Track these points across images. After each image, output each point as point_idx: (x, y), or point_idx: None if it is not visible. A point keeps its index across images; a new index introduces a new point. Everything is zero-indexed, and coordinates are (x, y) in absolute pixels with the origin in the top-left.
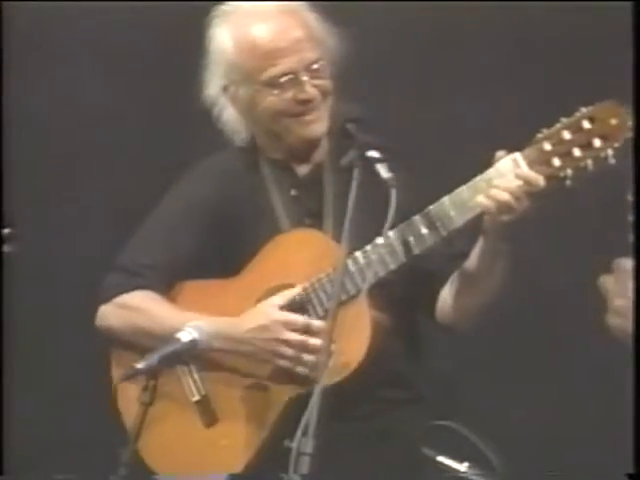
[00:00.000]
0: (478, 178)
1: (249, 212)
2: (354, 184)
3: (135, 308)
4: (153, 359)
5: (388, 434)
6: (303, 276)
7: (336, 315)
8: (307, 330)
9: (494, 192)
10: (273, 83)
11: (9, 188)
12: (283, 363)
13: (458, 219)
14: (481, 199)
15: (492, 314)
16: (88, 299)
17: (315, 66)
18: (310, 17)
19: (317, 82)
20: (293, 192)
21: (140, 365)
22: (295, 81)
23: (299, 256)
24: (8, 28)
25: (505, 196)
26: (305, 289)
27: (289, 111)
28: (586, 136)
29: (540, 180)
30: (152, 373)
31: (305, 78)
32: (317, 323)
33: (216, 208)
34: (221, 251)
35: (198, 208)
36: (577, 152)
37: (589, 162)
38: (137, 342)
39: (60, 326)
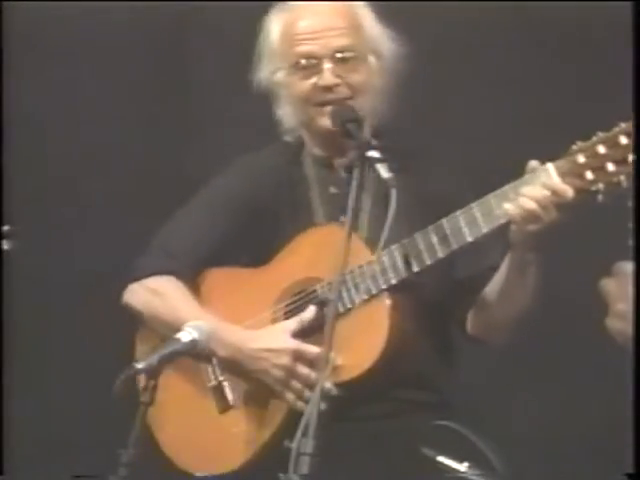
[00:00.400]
0: (507, 187)
1: (286, 207)
2: (354, 184)
3: (158, 294)
4: (153, 359)
5: (389, 434)
6: (330, 271)
7: (334, 323)
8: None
9: (521, 200)
10: (296, 65)
11: (8, 186)
12: (286, 394)
13: (484, 226)
14: (508, 207)
15: None
16: (87, 298)
17: (340, 54)
18: (364, 13)
19: (343, 73)
20: (332, 189)
21: (140, 365)
22: (317, 67)
23: (329, 251)
24: (8, 28)
25: (532, 205)
26: (328, 284)
27: (312, 99)
28: (622, 152)
29: (569, 192)
30: (152, 373)
31: (328, 65)
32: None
33: (253, 201)
34: (254, 243)
35: (236, 200)
36: (611, 167)
37: (622, 178)
38: (153, 326)
39: (60, 325)
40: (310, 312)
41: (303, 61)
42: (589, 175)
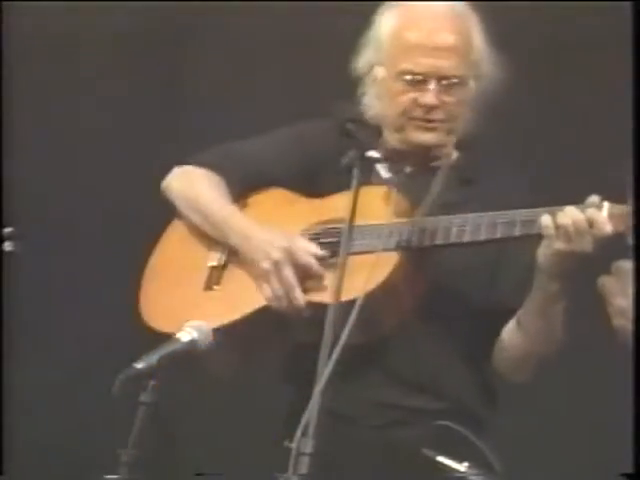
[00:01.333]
0: (555, 207)
1: (341, 178)
2: (354, 183)
3: (192, 180)
4: (153, 359)
5: (391, 437)
6: (366, 219)
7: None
8: (307, 270)
9: (559, 215)
10: (401, 76)
11: (10, 187)
12: (265, 287)
13: (518, 230)
14: (544, 218)
15: None
16: (88, 298)
17: (446, 82)
18: (473, 29)
19: (446, 98)
20: (387, 175)
21: (140, 365)
22: (422, 85)
23: (375, 204)
24: (8, 28)
25: (567, 221)
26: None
27: (408, 112)
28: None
29: (608, 227)
30: (152, 373)
31: (432, 87)
32: (319, 269)
33: (317, 157)
34: (301, 188)
35: (305, 147)
36: None
37: None
38: (180, 206)
39: (61, 325)
40: (321, 251)
41: (408, 77)
42: None
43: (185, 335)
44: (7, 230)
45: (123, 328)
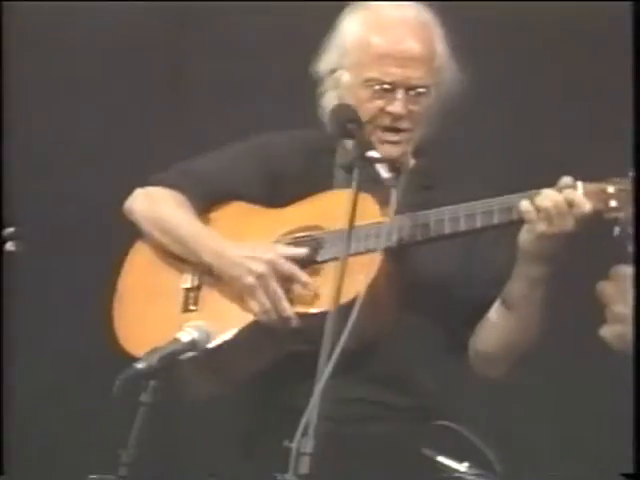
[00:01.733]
0: (531, 191)
1: (306, 186)
2: (354, 185)
3: (156, 200)
4: (153, 359)
5: (388, 435)
6: (337, 224)
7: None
8: (292, 279)
9: (538, 199)
10: (370, 85)
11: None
12: (251, 303)
13: (497, 217)
14: (523, 203)
15: None
16: (89, 298)
17: (414, 92)
18: (438, 39)
19: (412, 107)
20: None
21: (140, 365)
22: (390, 94)
23: (342, 208)
24: (8, 28)
25: (547, 203)
26: (330, 232)
27: (374, 120)
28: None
29: (587, 205)
30: (152, 373)
31: (400, 96)
32: (304, 278)
33: (281, 166)
34: (270, 197)
35: (267, 156)
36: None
37: None
38: (145, 229)
39: (61, 325)
40: (303, 250)
41: (377, 86)
42: (613, 203)
43: (185, 335)
44: (9, 230)
45: None
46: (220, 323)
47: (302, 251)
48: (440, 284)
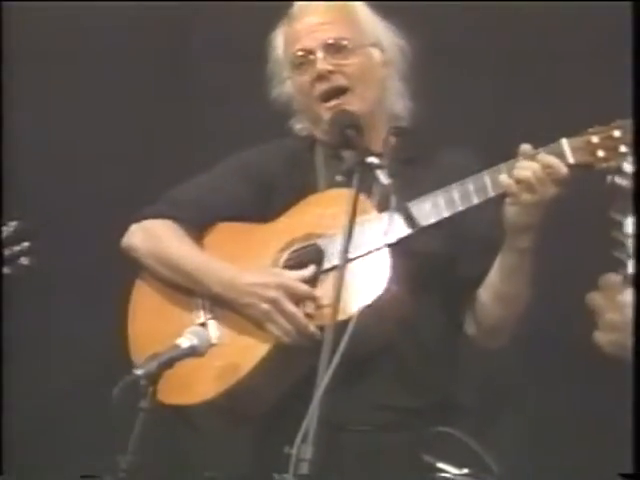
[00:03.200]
0: (501, 165)
1: (294, 189)
2: (354, 189)
3: (156, 235)
4: (152, 365)
5: (389, 442)
6: (331, 228)
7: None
8: (305, 299)
9: (516, 171)
10: (294, 63)
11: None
12: (271, 327)
13: (475, 198)
14: (502, 178)
15: None
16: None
17: (332, 41)
18: (360, 9)
19: (337, 61)
20: (339, 178)
21: (140, 371)
22: (312, 60)
23: (330, 210)
24: (8, 28)
25: (526, 173)
26: (329, 237)
27: (312, 93)
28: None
29: (562, 168)
30: (151, 379)
31: (320, 55)
32: (316, 293)
33: (266, 177)
34: (260, 212)
35: (249, 169)
36: (623, 148)
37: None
38: (149, 266)
39: (62, 326)
40: (310, 271)
41: (299, 54)
42: (600, 153)
43: (185, 341)
44: (24, 245)
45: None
46: (242, 355)
47: (309, 272)
48: (436, 268)
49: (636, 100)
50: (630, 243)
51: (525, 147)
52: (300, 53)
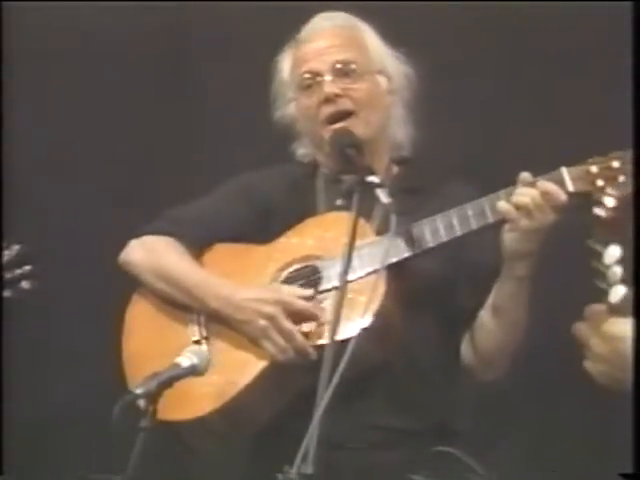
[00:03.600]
0: (501, 191)
1: (294, 214)
2: (354, 209)
3: (156, 250)
4: (152, 384)
5: (386, 462)
6: (331, 251)
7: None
8: (302, 316)
9: (514, 197)
10: (302, 85)
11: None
12: (267, 345)
13: (474, 223)
14: (500, 203)
15: None
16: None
17: (340, 66)
18: (367, 34)
19: (345, 85)
20: (339, 202)
21: (139, 390)
22: (320, 83)
23: (330, 233)
24: (8, 28)
25: (525, 199)
26: (329, 260)
27: (318, 116)
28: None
29: (562, 195)
30: (151, 398)
31: (328, 78)
32: (315, 311)
33: (267, 201)
34: (260, 235)
35: (251, 193)
36: (622, 178)
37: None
38: (147, 281)
39: (62, 328)
40: (308, 291)
41: (307, 76)
42: (599, 182)
43: (185, 360)
44: (25, 268)
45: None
46: (237, 371)
47: (308, 292)
48: (434, 292)
49: (636, 100)
50: (611, 273)
51: (524, 175)
52: (307, 75)
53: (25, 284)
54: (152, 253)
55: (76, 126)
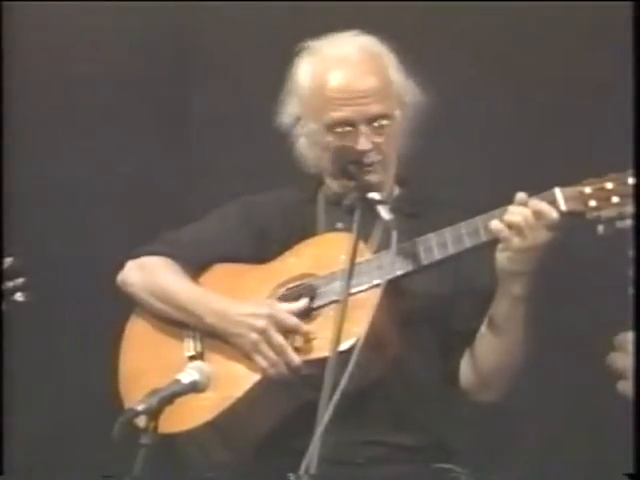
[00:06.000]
0: (495, 210)
1: (293, 237)
2: (355, 226)
3: (152, 269)
4: (153, 401)
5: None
6: (327, 269)
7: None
8: (293, 331)
9: (506, 215)
10: (331, 128)
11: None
12: (258, 359)
13: (468, 241)
14: (493, 222)
15: None
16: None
17: (376, 123)
18: (390, 65)
19: (376, 139)
20: (339, 225)
21: (140, 407)
22: (353, 132)
23: (328, 253)
24: (8, 28)
25: (517, 218)
26: (324, 277)
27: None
28: (628, 189)
29: (553, 213)
30: (152, 415)
31: (363, 130)
32: (305, 328)
33: (266, 224)
34: (256, 259)
35: (251, 217)
36: (615, 199)
37: (626, 209)
38: (143, 302)
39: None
40: (301, 303)
41: (339, 129)
42: (592, 203)
43: (186, 376)
44: (18, 280)
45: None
46: (230, 385)
47: (300, 304)
48: (432, 315)
49: (636, 101)
50: None
51: (520, 195)
52: (340, 128)
53: (19, 296)
54: (148, 273)
55: (74, 132)
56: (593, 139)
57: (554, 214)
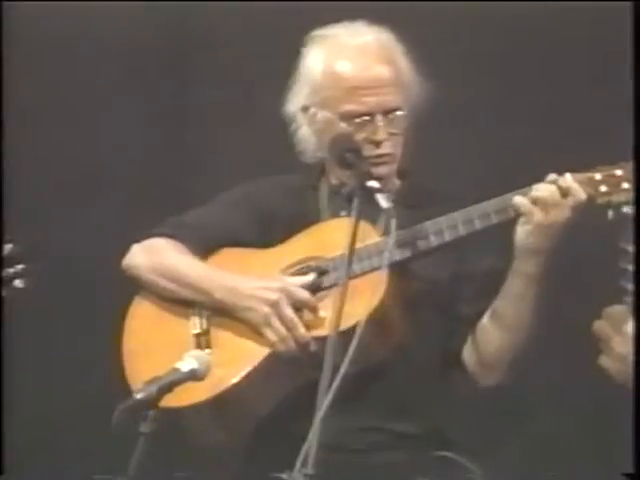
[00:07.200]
0: (523, 189)
1: (296, 223)
2: (353, 214)
3: (158, 250)
4: (152, 389)
5: (385, 466)
6: (334, 251)
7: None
8: (304, 305)
9: (532, 192)
10: (349, 119)
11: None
12: (268, 333)
13: (495, 218)
14: (517, 198)
15: None
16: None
17: (392, 115)
18: (401, 57)
19: (392, 130)
20: (343, 213)
21: (139, 395)
22: (370, 123)
23: (334, 236)
24: (8, 28)
25: (543, 194)
26: (331, 259)
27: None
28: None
29: (582, 193)
30: (151, 403)
31: (381, 123)
32: (315, 302)
33: (269, 209)
34: (260, 244)
35: (255, 202)
36: (626, 185)
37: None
38: (150, 284)
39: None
40: (310, 277)
41: (356, 119)
42: (603, 188)
43: (185, 365)
44: (18, 267)
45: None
46: (236, 362)
47: (309, 278)
48: (437, 299)
49: (637, 100)
50: None
51: (552, 175)
52: (360, 119)
53: (19, 283)
54: (154, 253)
55: (75, 126)
56: (593, 133)
57: (583, 195)
